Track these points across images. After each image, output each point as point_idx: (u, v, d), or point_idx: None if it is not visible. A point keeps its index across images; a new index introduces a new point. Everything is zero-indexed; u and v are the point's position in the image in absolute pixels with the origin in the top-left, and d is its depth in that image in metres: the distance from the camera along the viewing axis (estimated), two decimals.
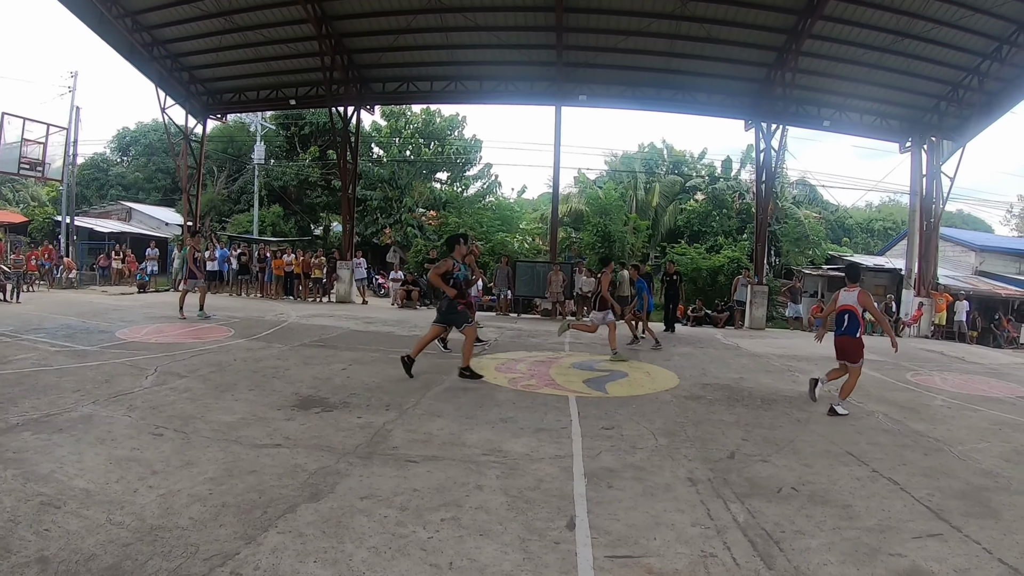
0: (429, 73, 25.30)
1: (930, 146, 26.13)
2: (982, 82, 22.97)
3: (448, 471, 5.67)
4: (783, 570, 4.35)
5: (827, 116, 25.63)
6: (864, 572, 4.44)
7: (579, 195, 39.89)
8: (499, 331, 17.05)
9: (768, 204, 25.83)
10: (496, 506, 4.98)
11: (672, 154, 44.34)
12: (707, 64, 23.72)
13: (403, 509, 4.78)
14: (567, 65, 23.55)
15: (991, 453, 7.98)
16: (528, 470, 5.87)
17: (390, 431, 6.81)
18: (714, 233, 36.86)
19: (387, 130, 40.15)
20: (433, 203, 39.19)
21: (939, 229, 27.81)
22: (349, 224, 25.71)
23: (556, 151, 25.36)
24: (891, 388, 12.43)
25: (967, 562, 4.76)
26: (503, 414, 7.90)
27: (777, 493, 5.78)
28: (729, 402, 9.75)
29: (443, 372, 10.41)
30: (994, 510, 5.91)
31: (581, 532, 4.63)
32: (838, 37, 21.95)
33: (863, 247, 49.54)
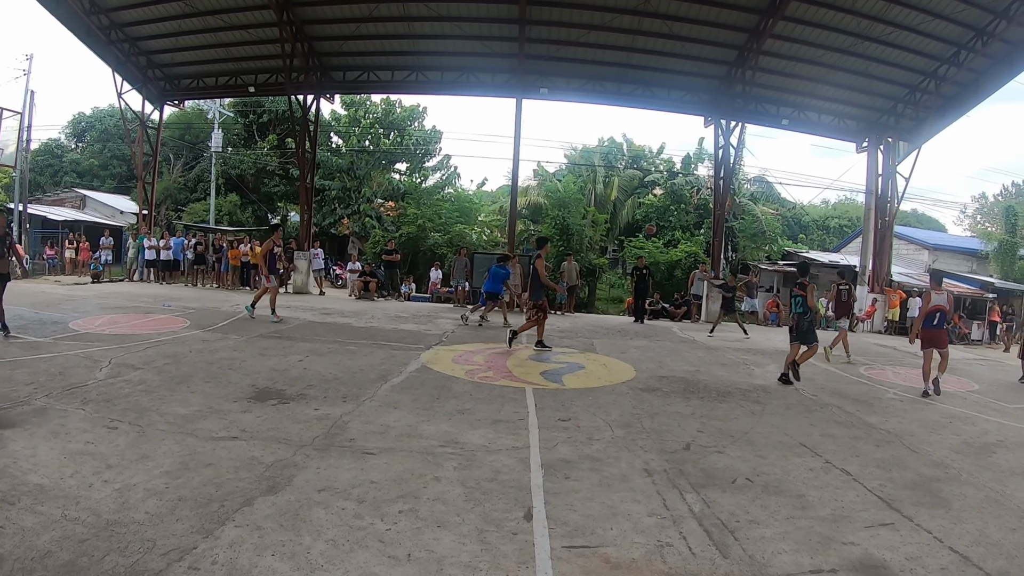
0: (390, 63, 25.21)
1: (886, 146, 26.68)
2: (939, 86, 23.44)
3: (405, 463, 5.69)
4: (738, 559, 4.44)
5: (786, 115, 26.10)
6: (818, 560, 4.55)
7: (538, 188, 39.91)
8: (456, 322, 17.07)
9: (726, 200, 26.13)
10: (454, 497, 5.01)
11: (631, 149, 44.55)
12: (668, 60, 23.96)
13: (361, 501, 4.79)
14: (529, 58, 23.58)
15: (942, 445, 8.21)
16: (485, 461, 5.91)
17: (347, 423, 6.79)
18: (672, 228, 37.12)
19: (346, 119, 39.70)
20: (392, 194, 38.88)
21: (893, 227, 28.34)
22: (307, 214, 25.50)
23: (516, 143, 25.31)
24: (845, 382, 12.68)
25: (918, 550, 4.90)
26: (460, 406, 7.93)
27: (732, 483, 5.89)
28: (685, 394, 9.88)
29: (400, 363, 10.37)
30: (945, 500, 6.09)
31: (538, 523, 4.68)
32: (799, 38, 22.31)
33: (819, 244, 50.16)
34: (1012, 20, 20.31)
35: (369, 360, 10.46)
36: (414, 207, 34.83)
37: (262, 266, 15.49)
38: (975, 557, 4.88)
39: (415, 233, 32.61)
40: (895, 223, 28.80)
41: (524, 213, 37.38)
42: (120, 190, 45.51)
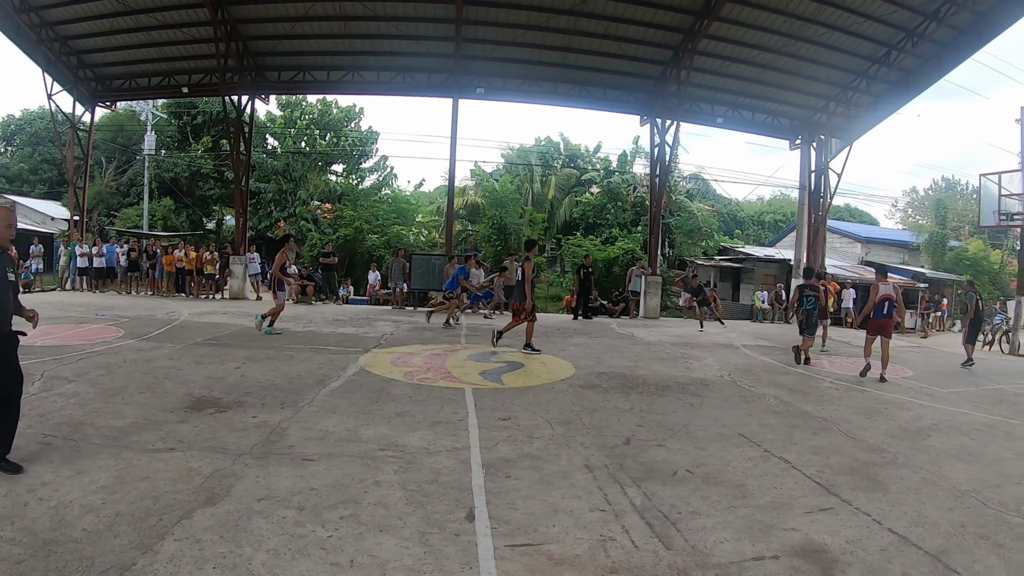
0: (326, 63, 24.95)
1: (819, 144, 27.36)
2: (870, 84, 24.11)
3: (345, 468, 5.68)
4: (681, 549, 4.54)
5: (721, 113, 26.59)
6: (759, 547, 4.67)
7: (476, 188, 39.94)
8: (395, 324, 17.00)
9: (662, 197, 26.48)
10: (395, 501, 5.02)
11: (568, 148, 44.87)
12: (605, 60, 24.15)
13: (301, 509, 4.77)
14: (466, 58, 23.61)
15: (878, 430, 8.49)
16: (426, 463, 5.93)
17: (286, 429, 6.75)
18: (609, 225, 37.42)
19: (282, 120, 39.16)
20: (328, 196, 38.57)
21: (827, 222, 29.09)
22: (242, 218, 25.00)
23: (452, 144, 25.36)
24: (781, 372, 12.97)
25: (858, 533, 5.07)
26: (399, 408, 7.92)
27: (672, 476, 6.00)
28: (624, 390, 10.00)
29: (339, 368, 10.32)
30: (882, 483, 6.31)
31: (480, 523, 4.72)
32: (733, 38, 22.69)
33: (755, 239, 51.04)
34: (941, 21, 21.00)
35: (307, 365, 10.38)
36: (351, 209, 34.67)
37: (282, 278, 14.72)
38: (914, 537, 5.07)
39: (352, 235, 32.40)
40: (828, 217, 29.57)
41: (462, 213, 37.40)
42: (51, 196, 44.15)
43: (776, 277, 32.79)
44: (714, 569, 4.32)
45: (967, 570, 4.62)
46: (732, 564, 4.41)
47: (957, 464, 7.22)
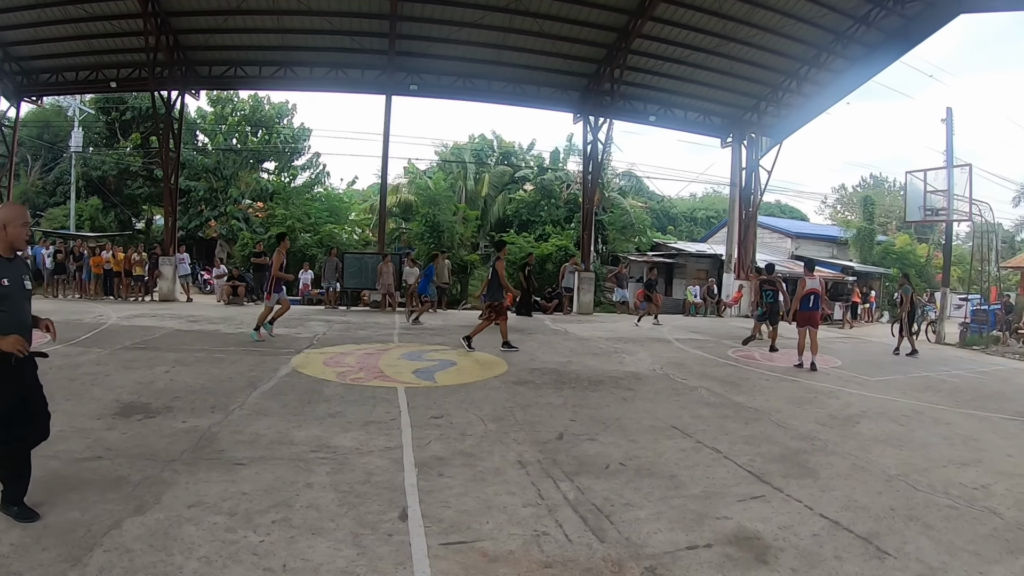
0: (258, 57, 24.46)
1: (750, 142, 28.09)
2: (800, 85, 24.80)
3: (277, 471, 5.62)
4: (614, 542, 4.61)
5: (653, 111, 26.97)
6: (693, 537, 4.77)
7: (409, 185, 39.57)
8: (328, 324, 16.92)
9: (595, 194, 26.69)
10: (327, 503, 4.99)
11: (502, 145, 44.76)
12: (539, 58, 24.23)
13: (232, 514, 4.70)
14: (400, 54, 23.46)
15: (808, 419, 8.74)
16: (358, 464, 5.90)
17: (216, 434, 6.63)
18: (542, 222, 37.53)
19: (212, 117, 38.34)
20: (260, 194, 37.83)
21: (757, 218, 29.82)
22: (172, 217, 24.42)
23: (385, 141, 25.14)
24: (713, 364, 13.24)
25: (790, 519, 5.21)
26: (331, 409, 7.87)
27: (605, 469, 6.07)
28: (557, 385, 10.09)
29: (270, 369, 10.18)
30: (812, 470, 6.50)
31: (414, 522, 4.72)
32: (666, 38, 23.06)
33: (687, 234, 51.75)
34: (871, 25, 21.67)
35: (238, 368, 10.22)
36: (283, 207, 34.12)
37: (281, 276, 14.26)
38: (845, 521, 5.22)
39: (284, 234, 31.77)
40: (759, 213, 30.35)
41: (395, 211, 37.12)
42: None
43: (708, 272, 33.36)
44: (648, 560, 4.39)
45: (898, 551, 4.78)
46: (666, 554, 4.49)
47: (886, 449, 7.48)
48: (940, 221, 25.93)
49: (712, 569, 4.34)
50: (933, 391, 11.98)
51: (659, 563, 4.36)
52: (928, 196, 24.25)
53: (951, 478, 6.59)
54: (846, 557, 4.64)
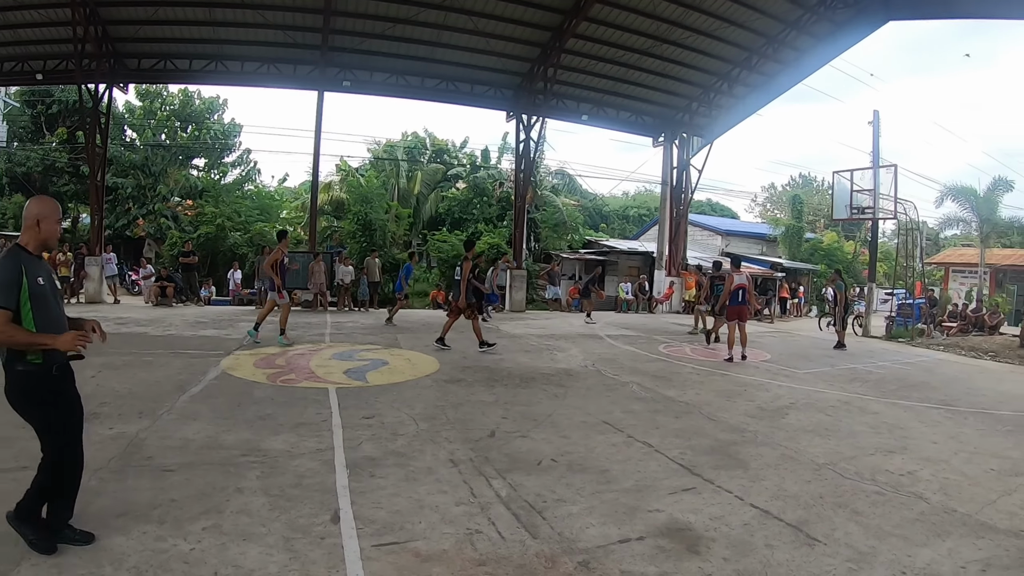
0: (190, 51, 23.72)
1: (681, 141, 28.60)
2: (732, 87, 25.39)
3: (207, 476, 5.49)
4: (547, 537, 4.64)
5: (586, 111, 27.22)
6: (625, 530, 4.83)
7: (341, 183, 39.14)
8: None
9: (527, 192, 26.77)
10: (258, 507, 4.91)
11: (435, 143, 44.62)
12: (473, 56, 24.21)
13: (162, 522, 4.58)
14: (333, 50, 23.21)
15: (737, 411, 8.96)
16: (289, 467, 5.82)
17: (144, 440, 6.44)
18: (475, 220, 37.55)
19: (141, 111, 37.15)
20: (189, 192, 36.79)
21: (688, 215, 30.22)
22: (98, 216, 23.56)
23: (317, 137, 24.72)
24: (644, 360, 13.43)
25: (721, 510, 5.32)
26: (261, 411, 7.75)
27: (537, 466, 6.11)
28: (488, 383, 10.13)
29: (199, 372, 9.96)
30: (742, 461, 6.65)
31: (346, 524, 4.68)
32: (601, 38, 23.24)
33: (619, 232, 52.18)
34: (802, 30, 22.31)
35: (166, 371, 9.97)
36: (212, 205, 33.29)
37: (276, 279, 13.52)
38: (775, 510, 5.36)
39: (214, 233, 31.11)
40: (690, 211, 30.86)
41: (327, 209, 36.75)
42: None
43: (640, 269, 33.72)
44: (581, 554, 4.43)
45: (827, 537, 4.92)
46: (599, 548, 4.54)
47: (814, 439, 7.70)
48: (866, 219, 26.65)
49: (645, 561, 4.39)
50: (860, 382, 12.35)
51: (592, 557, 4.40)
52: (855, 195, 24.87)
53: (878, 465, 6.81)
54: (776, 545, 4.75)
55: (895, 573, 4.46)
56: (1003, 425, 9.40)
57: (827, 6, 21.73)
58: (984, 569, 4.61)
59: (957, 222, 38.52)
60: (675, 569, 4.32)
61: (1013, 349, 19.77)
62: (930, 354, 18.49)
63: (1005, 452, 7.77)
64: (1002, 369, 16.65)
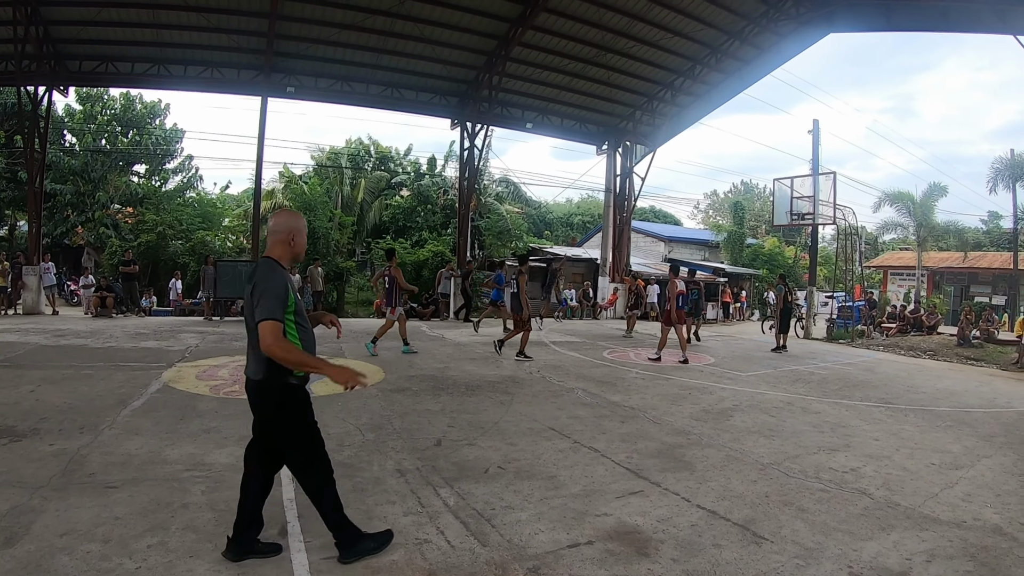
0: (132, 53, 23.02)
1: (624, 149, 29.00)
2: (675, 96, 25.85)
3: (151, 493, 5.35)
4: (496, 545, 4.65)
5: (531, 118, 27.38)
6: (574, 535, 4.86)
7: (284, 190, 38.67)
8: (201, 336, 16.19)
9: (471, 200, 26.86)
10: (204, 523, 4.82)
11: (379, 150, 44.47)
12: (419, 63, 24.19)
13: (106, 541, 4.45)
14: (278, 55, 22.92)
15: (682, 415, 9.08)
16: (234, 481, 5.47)
17: (86, 456, 6.25)
18: (419, 228, 37.53)
19: (81, 115, 35.88)
20: (130, 199, 35.83)
21: (631, 222, 30.57)
22: (36, 223, 22.82)
23: (260, 144, 24.19)
24: (589, 366, 13.53)
25: (668, 512, 5.39)
26: (206, 424, 7.61)
27: (485, 473, 6.11)
28: (435, 391, 10.12)
29: (141, 385, 9.71)
30: (688, 463, 6.75)
31: (294, 538, 4.64)
32: (547, 47, 23.46)
33: (563, 239, 52.51)
34: (744, 40, 22.84)
35: (108, 384, 9.69)
36: (153, 213, 32.59)
37: (405, 287, 14.32)
38: (722, 510, 5.45)
39: (155, 241, 30.46)
40: (633, 218, 31.22)
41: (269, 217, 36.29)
42: None
43: (584, 276, 33.86)
44: (531, 560, 4.45)
45: (774, 535, 5.02)
46: (548, 554, 4.56)
47: (759, 440, 7.85)
48: (806, 225, 27.20)
49: (595, 565, 4.43)
50: (802, 383, 12.61)
51: (542, 563, 4.42)
52: (795, 201, 25.46)
53: (822, 463, 6.98)
54: (724, 544, 4.83)
55: (842, 567, 4.57)
56: (942, 421, 9.73)
57: (770, 18, 22.35)
58: (929, 560, 4.75)
59: (895, 226, 39.49)
60: (625, 572, 4.37)
61: (950, 348, 20.47)
62: (870, 354, 18.98)
63: (945, 447, 8.04)
64: (940, 367, 17.20)
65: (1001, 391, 13.51)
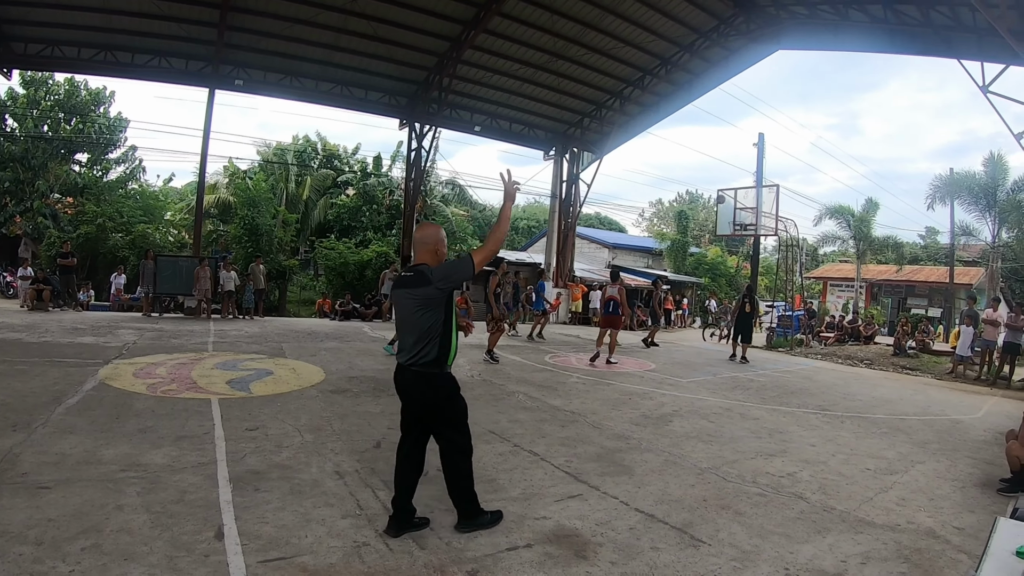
0: (79, 38, 22.23)
1: (572, 156, 29.34)
2: (624, 105, 26.13)
3: (85, 494, 5.19)
4: (435, 548, 4.65)
5: (480, 122, 27.48)
6: (513, 538, 4.88)
7: (228, 185, 38.17)
8: (139, 333, 15.62)
9: (417, 201, 26.81)
10: (139, 525, 4.69)
11: (326, 147, 44.06)
12: (370, 62, 24.03)
13: (39, 544, 4.31)
14: (228, 47, 22.50)
15: (622, 419, 9.15)
16: (170, 482, 5.57)
17: (18, 455, 6.02)
18: (364, 228, 37.33)
19: (24, 99, 34.43)
20: (70, 188, 34.86)
21: (576, 228, 30.78)
22: None
23: (205, 137, 23.79)
24: (531, 370, 13.56)
25: (607, 515, 5.43)
26: (141, 424, 7.38)
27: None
28: (375, 393, 10.03)
29: (76, 382, 9.38)
30: (628, 467, 6.82)
31: (231, 540, 4.54)
32: (498, 51, 23.52)
33: (508, 243, 52.56)
34: (695, 53, 23.29)
35: (42, 381, 9.34)
36: (94, 204, 31.78)
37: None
38: (660, 514, 5.52)
39: (94, 234, 29.73)
40: (578, 224, 31.49)
41: (212, 212, 35.74)
42: None
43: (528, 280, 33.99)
44: (469, 563, 4.45)
45: (712, 538, 5.10)
46: (487, 556, 4.58)
47: (697, 445, 7.97)
48: (749, 235, 27.69)
49: (533, 568, 4.45)
50: (741, 389, 12.80)
51: (481, 566, 4.43)
52: (738, 212, 25.90)
53: (759, 468, 7.11)
54: (662, 547, 4.90)
55: (778, 569, 4.67)
56: (878, 428, 9.99)
57: (721, 33, 22.81)
58: (864, 562, 4.88)
59: (835, 239, 40.43)
60: (563, 575, 4.40)
61: (887, 357, 20.99)
62: (808, 362, 19.35)
63: (880, 452, 8.26)
64: (877, 376, 17.63)
65: (935, 399, 13.92)
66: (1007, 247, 34.38)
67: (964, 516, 6.07)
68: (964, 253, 39.44)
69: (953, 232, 34.87)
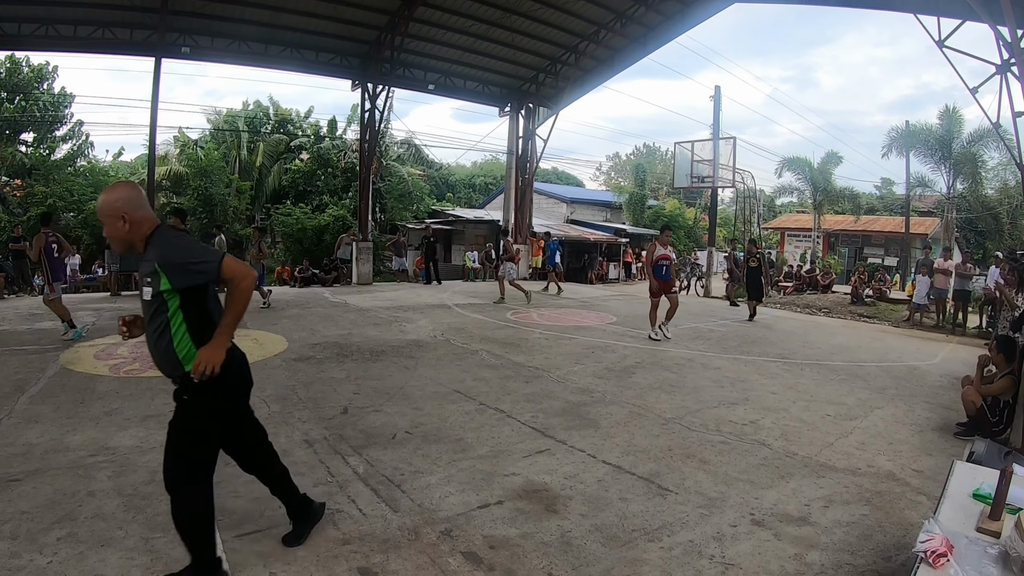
0: (18, 13, 21.03)
1: (527, 111, 29.04)
2: (579, 59, 25.91)
3: (56, 482, 5.13)
4: (408, 510, 4.72)
5: (433, 80, 27.10)
6: (483, 496, 4.98)
7: (179, 156, 37.41)
8: (97, 314, 15.29)
9: (372, 162, 26.48)
10: (113, 510, 4.68)
11: (278, 113, 43.19)
12: (319, 22, 23.44)
13: (14, 537, 4.26)
14: (173, 13, 21.60)
15: (585, 373, 9.28)
16: (140, 464, 5.54)
17: None
18: (319, 192, 36.95)
19: None
20: (17, 170, 33.90)
21: (534, 184, 30.73)
22: None
23: (154, 107, 22.88)
24: (492, 328, 13.64)
25: (575, 468, 5.55)
26: (107, 406, 7.29)
27: (392, 439, 6.15)
28: (339, 359, 10.06)
29: (37, 369, 9.17)
30: (593, 421, 6.95)
31: None
32: (449, 7, 22.94)
33: (466, 201, 52.55)
34: (650, 7, 23.17)
35: (2, 371, 9.07)
36: (43, 184, 31.15)
37: None
38: (627, 465, 5.65)
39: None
40: (536, 180, 31.38)
41: (165, 185, 34.86)
42: None
43: (486, 237, 34.06)
44: (443, 523, 4.53)
45: (678, 486, 5.26)
46: (459, 515, 4.66)
47: (661, 396, 8.12)
48: (706, 187, 27.93)
49: (506, 524, 4.55)
50: (702, 340, 13.01)
51: (454, 525, 4.52)
52: (695, 164, 26.09)
53: (722, 417, 7.29)
54: (630, 497, 5.03)
55: (744, 515, 4.82)
56: (837, 375, 10.21)
57: None
58: (827, 505, 5.05)
59: (793, 190, 40.92)
60: (536, 529, 4.49)
61: (844, 305, 21.43)
62: (768, 312, 19.57)
63: (840, 399, 8.46)
64: (835, 324, 17.97)
65: (892, 346, 14.22)
66: (962, 198, 35.34)
67: (922, 459, 6.27)
68: (920, 204, 40.10)
69: (909, 183, 35.52)
